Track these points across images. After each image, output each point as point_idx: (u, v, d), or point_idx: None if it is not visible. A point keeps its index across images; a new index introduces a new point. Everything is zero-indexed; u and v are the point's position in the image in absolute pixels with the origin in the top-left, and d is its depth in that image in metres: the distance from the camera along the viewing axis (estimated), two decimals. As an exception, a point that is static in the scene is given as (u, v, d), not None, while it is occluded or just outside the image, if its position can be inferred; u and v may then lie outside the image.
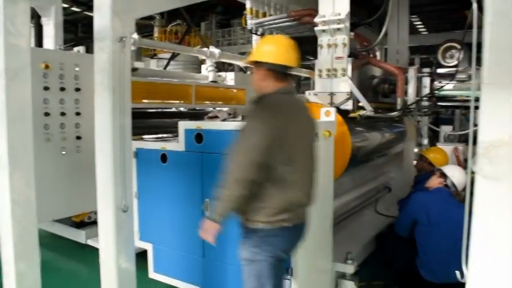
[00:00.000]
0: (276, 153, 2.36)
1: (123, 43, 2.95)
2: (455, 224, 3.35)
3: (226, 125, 3.51)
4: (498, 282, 2.05)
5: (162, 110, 5.32)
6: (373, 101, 4.60)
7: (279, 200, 2.44)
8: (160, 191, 3.93)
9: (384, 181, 5.93)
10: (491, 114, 1.97)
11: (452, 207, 3.85)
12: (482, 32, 1.95)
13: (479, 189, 2.06)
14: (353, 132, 4.19)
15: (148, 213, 3.99)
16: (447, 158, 5.25)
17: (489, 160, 1.98)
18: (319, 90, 4.17)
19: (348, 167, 4.17)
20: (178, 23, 15.81)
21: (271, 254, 2.50)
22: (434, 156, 5.24)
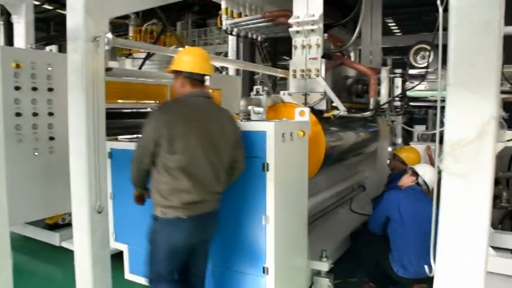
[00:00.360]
0: (163, 143, 2.76)
1: (97, 43, 2.94)
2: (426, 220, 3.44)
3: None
4: (464, 275, 2.13)
5: (137, 110, 5.29)
6: (347, 101, 4.67)
7: (167, 186, 2.79)
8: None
9: (358, 180, 6.00)
10: (456, 114, 2.05)
11: (424, 205, 3.95)
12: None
13: (445, 186, 2.13)
14: (327, 132, 4.24)
15: (123, 214, 3.96)
16: (419, 157, 5.36)
17: (454, 158, 2.06)
18: (293, 91, 4.20)
19: (322, 166, 4.22)
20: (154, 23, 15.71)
21: (167, 242, 2.83)
22: (406, 155, 5.34)
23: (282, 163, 3.27)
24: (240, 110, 3.84)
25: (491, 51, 1.94)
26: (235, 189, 3.32)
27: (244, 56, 11.59)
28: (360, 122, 5.36)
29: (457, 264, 2.14)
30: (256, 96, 4.04)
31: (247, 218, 3.30)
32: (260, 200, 3.22)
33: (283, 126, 3.33)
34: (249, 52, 11.73)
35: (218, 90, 5.93)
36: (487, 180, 2.03)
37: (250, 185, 3.26)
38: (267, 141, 3.17)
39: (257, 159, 3.21)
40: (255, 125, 3.28)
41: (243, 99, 3.93)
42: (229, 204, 3.36)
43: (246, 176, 3.26)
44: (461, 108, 2.03)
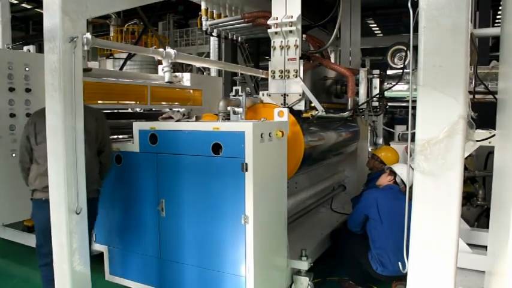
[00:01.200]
0: (28, 141, 3.46)
1: (74, 43, 2.93)
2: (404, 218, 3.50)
3: (180, 125, 3.53)
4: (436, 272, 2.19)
5: (117, 110, 5.27)
6: (326, 102, 4.69)
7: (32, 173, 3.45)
8: (116, 192, 3.90)
9: (338, 179, 6.04)
10: (426, 113, 2.10)
11: (401, 203, 3.96)
12: (418, 36, 2.08)
13: (417, 184, 2.19)
14: (306, 132, 4.26)
15: (103, 214, 3.95)
16: (397, 157, 5.43)
17: (425, 156, 2.12)
18: (273, 91, 4.23)
19: (302, 166, 4.24)
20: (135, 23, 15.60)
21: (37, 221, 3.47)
22: (385, 154, 5.41)
23: (260, 163, 3.30)
24: (219, 111, 3.85)
25: (459, 53, 2.00)
26: (214, 189, 3.34)
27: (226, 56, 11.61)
28: (340, 122, 5.40)
29: (428, 262, 2.19)
30: (235, 97, 4.05)
31: (226, 218, 3.32)
32: (239, 199, 3.24)
33: (262, 126, 3.35)
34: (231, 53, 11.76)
35: (199, 90, 5.93)
36: (457, 178, 2.09)
37: (229, 185, 3.27)
38: (245, 141, 3.19)
39: (236, 159, 3.23)
40: (234, 126, 3.30)
41: (223, 100, 3.94)
42: (208, 204, 3.39)
43: (225, 176, 3.28)
44: (431, 108, 2.08)
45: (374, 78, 4.89)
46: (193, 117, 3.85)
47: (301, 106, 4.19)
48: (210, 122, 3.66)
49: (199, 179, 3.42)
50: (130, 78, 5.40)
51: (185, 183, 3.49)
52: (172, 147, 3.52)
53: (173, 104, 5.51)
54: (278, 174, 3.69)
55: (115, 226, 3.97)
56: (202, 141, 3.37)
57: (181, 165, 3.49)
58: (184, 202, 3.52)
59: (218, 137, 3.30)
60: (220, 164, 3.30)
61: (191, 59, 6.42)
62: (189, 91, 5.83)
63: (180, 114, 3.73)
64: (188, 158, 3.45)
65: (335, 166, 6.11)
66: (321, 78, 4.81)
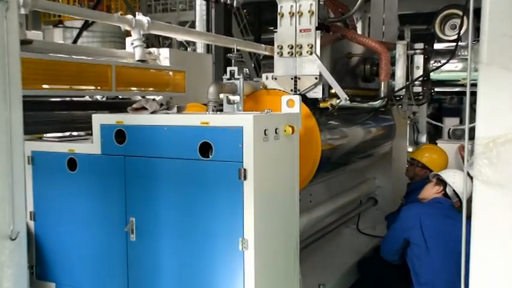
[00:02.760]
0: None
1: (6, 4, 2.87)
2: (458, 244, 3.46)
3: (156, 119, 3.51)
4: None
5: (70, 98, 5.23)
6: (351, 87, 4.67)
7: None
8: (68, 209, 3.87)
9: (367, 190, 6.05)
10: (491, 102, 2.06)
11: (454, 224, 3.97)
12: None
13: (477, 197, 2.15)
14: (324, 128, 4.26)
15: (49, 240, 3.94)
16: (446, 159, 5.41)
17: (489, 161, 2.07)
18: (280, 73, 4.20)
19: (318, 173, 4.24)
20: (95, -21, 15.55)
21: None
22: (429, 157, 5.39)
23: (264, 169, 3.29)
24: (209, 100, 3.84)
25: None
26: (202, 204, 3.33)
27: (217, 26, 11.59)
28: (369, 114, 5.39)
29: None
30: (230, 81, 4.04)
31: (218, 242, 3.31)
32: (236, 218, 3.22)
33: (266, 120, 3.34)
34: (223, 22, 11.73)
35: (181, 72, 5.89)
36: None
37: (222, 198, 3.26)
38: (244, 140, 3.17)
39: (231, 164, 3.21)
40: (229, 119, 3.29)
41: (213, 85, 3.93)
42: (194, 224, 3.38)
43: (217, 187, 3.27)
44: (499, 94, 2.04)
45: (416, 55, 4.88)
46: (173, 107, 3.82)
47: (317, 93, 4.18)
48: (196, 114, 3.63)
49: (182, 190, 3.40)
50: (88, 55, 5.35)
51: (163, 196, 3.47)
52: (145, 147, 3.50)
53: (147, 90, 5.48)
54: (287, 184, 3.68)
55: (66, 256, 3.94)
56: (186, 139, 3.35)
57: (158, 172, 3.47)
58: (162, 221, 3.50)
59: (207, 134, 3.28)
60: (210, 171, 3.29)
61: (170, 30, 6.38)
62: (167, 73, 5.80)
63: (156, 103, 3.70)
64: (167, 162, 3.43)
65: (363, 173, 6.11)
66: (344, 55, 4.80)
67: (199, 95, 5.74)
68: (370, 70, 4.98)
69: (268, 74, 4.33)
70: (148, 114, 3.62)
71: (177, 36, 7.36)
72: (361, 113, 5.25)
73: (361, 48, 4.95)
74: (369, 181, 6.15)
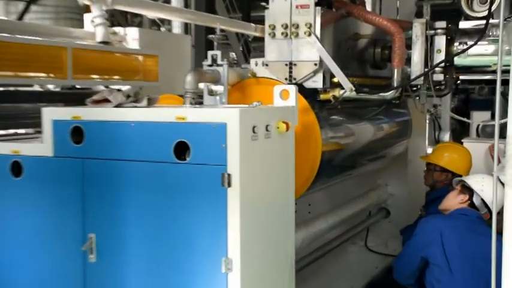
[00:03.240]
0: None
1: None
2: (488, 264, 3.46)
3: (122, 113, 3.49)
4: None
5: (15, 88, 5.20)
6: (358, 75, 4.68)
7: None
8: (11, 224, 3.84)
9: (378, 200, 6.07)
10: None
11: (482, 240, 3.96)
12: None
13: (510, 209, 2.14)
14: (325, 124, 4.27)
15: None
16: (469, 159, 5.40)
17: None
18: (272, 59, 4.20)
19: (318, 178, 4.24)
20: None
21: None
22: (449, 157, 5.37)
23: (252, 174, 3.29)
24: (187, 90, 3.83)
25: None
26: (178, 217, 3.33)
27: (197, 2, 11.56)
28: (380, 107, 5.40)
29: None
30: (212, 68, 4.03)
31: (197, 263, 3.30)
32: (218, 233, 3.22)
33: (255, 115, 3.34)
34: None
35: (153, 57, 5.88)
36: None
37: (202, 209, 3.26)
38: (228, 138, 3.16)
39: (213, 167, 3.20)
40: (210, 114, 3.29)
41: (192, 72, 3.93)
42: (167, 241, 3.38)
43: (195, 196, 3.27)
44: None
45: (437, 36, 4.88)
46: (143, 100, 3.80)
47: (317, 82, 4.19)
48: (171, 107, 3.62)
49: (152, 200, 3.39)
50: (38, 35, 5.32)
51: (130, 208, 3.47)
52: (108, 148, 3.48)
53: (110, 78, 5.46)
54: (281, 192, 3.69)
55: (8, 281, 3.92)
56: (158, 138, 3.35)
57: (124, 178, 3.46)
58: (128, 238, 3.49)
59: (184, 132, 3.27)
60: (187, 176, 3.28)
61: (140, 5, 6.35)
62: (136, 58, 5.78)
63: (122, 95, 3.68)
64: (135, 166, 3.42)
65: (372, 178, 6.14)
66: (350, 37, 4.80)
67: (175, 84, 5.73)
68: (381, 54, 4.98)
69: (258, 60, 4.32)
70: (112, 107, 3.61)
71: (148, 13, 7.35)
72: (370, 107, 5.26)
73: (370, 28, 4.94)
74: (380, 188, 6.16)
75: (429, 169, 5.52)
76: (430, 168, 5.49)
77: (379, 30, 4.75)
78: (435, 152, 5.61)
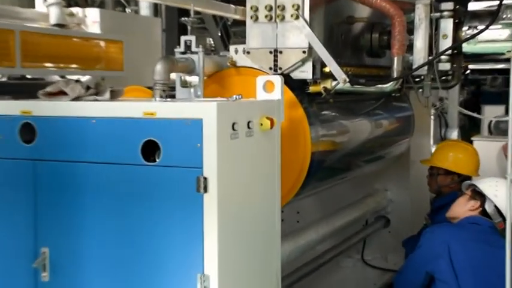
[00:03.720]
0: None
1: None
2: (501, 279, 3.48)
3: (81, 108, 3.48)
4: None
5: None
6: (353, 64, 4.70)
7: None
8: None
9: (375, 207, 6.10)
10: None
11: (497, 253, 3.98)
12: None
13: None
14: (316, 120, 4.29)
15: None
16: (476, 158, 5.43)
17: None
18: (254, 45, 4.22)
19: (307, 182, 4.26)
20: None
21: None
22: (453, 157, 5.40)
23: (232, 177, 3.31)
24: (156, 81, 3.81)
25: None
26: (146, 227, 3.33)
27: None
28: (378, 101, 5.41)
29: None
30: (185, 56, 4.03)
31: (169, 281, 3.31)
32: (193, 246, 3.22)
33: (235, 109, 3.36)
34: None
35: (118, 43, 5.86)
36: None
37: (174, 218, 3.26)
38: (204, 137, 3.17)
39: (186, 170, 3.21)
40: (183, 109, 3.30)
41: (162, 61, 3.90)
42: (136, 255, 3.37)
43: (166, 203, 3.27)
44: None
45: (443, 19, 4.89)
46: (105, 92, 3.79)
47: (306, 72, 4.22)
48: (138, 101, 3.64)
49: (117, 208, 3.39)
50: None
51: (90, 218, 3.46)
52: (65, 148, 3.48)
53: (67, 67, 5.43)
54: (265, 198, 3.70)
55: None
56: (123, 137, 3.34)
57: (83, 183, 3.46)
58: (88, 253, 3.48)
59: (153, 129, 3.28)
60: (156, 180, 3.29)
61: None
62: (97, 44, 5.76)
63: (81, 86, 3.66)
64: (96, 169, 3.42)
65: (370, 182, 6.18)
66: (344, 20, 4.82)
67: (143, 74, 5.72)
68: (379, 40, 4.99)
69: (239, 47, 4.34)
70: (68, 101, 3.59)
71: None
72: (366, 100, 5.27)
73: (366, 10, 4.95)
74: (379, 194, 6.19)
75: (432, 174, 5.55)
76: (433, 173, 5.51)
77: (377, 12, 4.76)
78: (437, 153, 5.63)
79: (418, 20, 4.83)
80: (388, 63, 4.81)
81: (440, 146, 5.79)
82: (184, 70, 3.99)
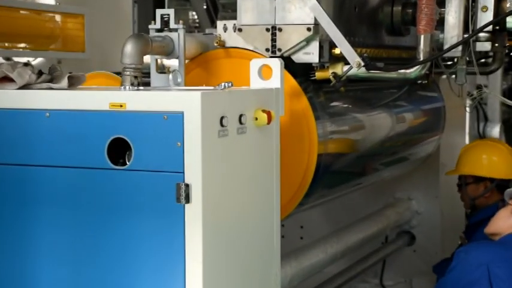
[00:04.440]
0: None
1: None
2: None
3: (32, 98, 3.50)
4: None
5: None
6: (369, 44, 4.72)
7: None
8: None
9: (397, 220, 6.11)
10: None
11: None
12: None
13: None
14: (324, 114, 4.32)
15: None
16: None
17: None
18: (247, 21, 4.22)
19: (314, 190, 4.28)
20: None
21: None
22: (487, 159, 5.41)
23: (220, 184, 3.32)
24: (126, 66, 3.82)
25: None
26: (114, 246, 3.34)
27: None
28: (400, 90, 5.42)
29: None
30: (162, 34, 4.05)
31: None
32: (172, 268, 3.24)
33: (223, 100, 3.36)
34: None
35: (78, 16, 5.87)
36: None
37: (149, 234, 3.27)
38: (185, 134, 3.17)
39: (164, 175, 3.22)
40: (159, 99, 3.30)
41: (133, 39, 3.93)
42: (102, 279, 3.38)
43: (139, 216, 3.28)
44: None
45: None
46: (62, 78, 3.78)
47: (311, 55, 4.22)
48: (103, 90, 3.64)
49: (77, 222, 3.40)
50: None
51: (43, 234, 3.47)
52: (12, 149, 3.49)
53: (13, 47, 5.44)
54: (261, 209, 3.72)
55: None
56: (85, 134, 3.35)
57: (36, 191, 3.47)
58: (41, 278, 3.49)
59: (123, 125, 3.28)
60: (127, 188, 3.30)
61: None
62: (52, 18, 5.77)
63: (32, 72, 3.66)
64: (52, 173, 3.43)
65: (390, 189, 6.20)
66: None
67: (110, 56, 5.73)
68: (401, 15, 5.00)
69: (228, 23, 4.35)
70: (16, 89, 3.59)
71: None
72: (386, 89, 5.28)
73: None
74: (401, 204, 6.20)
75: (460, 185, 5.56)
76: (461, 184, 5.52)
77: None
78: (461, 159, 5.60)
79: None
80: (413, 43, 4.83)
81: (463, 150, 5.77)
82: (161, 52, 3.99)
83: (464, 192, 5.47)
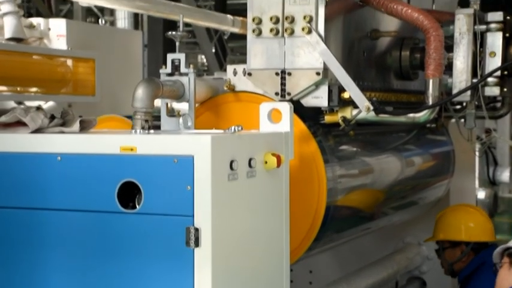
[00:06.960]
0: None
1: None
2: None
3: (44, 142, 3.50)
4: None
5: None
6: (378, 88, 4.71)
7: None
8: None
9: (407, 265, 6.08)
10: None
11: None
12: None
13: None
14: (333, 157, 4.31)
15: None
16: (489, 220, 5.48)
17: None
18: (257, 65, 4.23)
19: (323, 234, 4.27)
20: None
21: None
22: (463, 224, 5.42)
23: (230, 228, 3.31)
24: (137, 109, 3.84)
25: None
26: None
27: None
28: (409, 133, 5.41)
29: None
30: (173, 78, 4.06)
31: None
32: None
33: (233, 144, 3.37)
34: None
35: (89, 61, 5.89)
36: None
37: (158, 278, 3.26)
38: (196, 178, 3.18)
39: (174, 219, 3.22)
40: (170, 143, 3.31)
41: (144, 84, 3.94)
42: None
43: (148, 260, 3.27)
44: None
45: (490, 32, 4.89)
46: (74, 122, 3.80)
47: (321, 99, 4.22)
48: (114, 134, 3.63)
49: (87, 266, 3.39)
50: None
51: (53, 278, 3.45)
52: (24, 193, 3.49)
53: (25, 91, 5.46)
54: (270, 253, 3.70)
55: None
56: (95, 178, 3.36)
57: (46, 234, 3.46)
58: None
59: (133, 168, 3.29)
60: (136, 231, 3.29)
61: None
62: (63, 62, 5.80)
63: (44, 115, 3.67)
64: (62, 217, 3.42)
65: (400, 234, 6.17)
66: (367, 34, 4.83)
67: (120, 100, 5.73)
68: (410, 59, 5.01)
69: (238, 67, 4.36)
70: (28, 133, 3.60)
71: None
72: (395, 133, 5.27)
73: (395, 22, 4.99)
74: (411, 249, 6.17)
75: (437, 250, 5.58)
76: (439, 249, 5.55)
77: (407, 25, 4.79)
78: (440, 224, 5.62)
79: (458, 34, 4.84)
80: (421, 88, 4.82)
81: (438, 216, 5.77)
82: (172, 95, 4.00)
83: (442, 257, 5.50)
